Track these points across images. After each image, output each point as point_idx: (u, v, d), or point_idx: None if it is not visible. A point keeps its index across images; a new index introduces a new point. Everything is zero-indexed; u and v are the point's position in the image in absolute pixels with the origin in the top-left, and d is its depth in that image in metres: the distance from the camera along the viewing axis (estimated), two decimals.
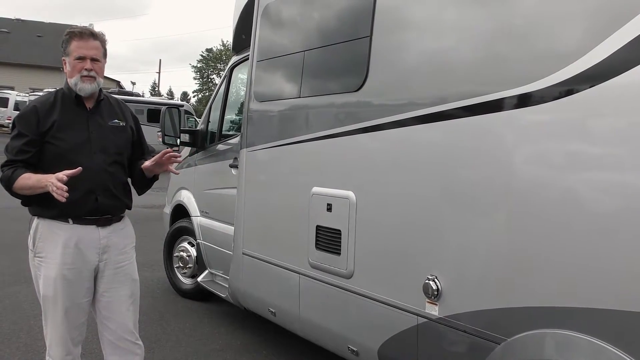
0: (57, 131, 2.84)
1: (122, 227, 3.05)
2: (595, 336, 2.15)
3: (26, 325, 4.79)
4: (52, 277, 2.85)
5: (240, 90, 5.56)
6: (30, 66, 40.01)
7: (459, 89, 2.70)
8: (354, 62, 3.34)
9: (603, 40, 2.16)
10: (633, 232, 2.07)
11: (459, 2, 2.82)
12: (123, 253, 3.02)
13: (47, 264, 2.87)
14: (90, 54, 2.88)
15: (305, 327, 3.75)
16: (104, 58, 2.97)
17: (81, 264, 2.87)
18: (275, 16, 4.16)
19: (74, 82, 2.88)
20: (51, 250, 2.86)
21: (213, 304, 5.60)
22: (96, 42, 2.92)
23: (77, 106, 2.93)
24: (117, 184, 2.97)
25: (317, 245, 3.49)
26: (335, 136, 3.39)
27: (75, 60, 2.87)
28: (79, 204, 2.82)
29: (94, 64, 2.89)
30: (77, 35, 2.88)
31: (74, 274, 2.86)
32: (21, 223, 8.83)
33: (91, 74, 2.87)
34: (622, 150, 2.14)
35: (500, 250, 2.51)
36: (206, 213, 5.44)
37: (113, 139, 2.99)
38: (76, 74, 2.86)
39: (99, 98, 2.99)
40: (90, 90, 2.90)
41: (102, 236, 2.92)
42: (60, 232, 2.86)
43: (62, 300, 2.85)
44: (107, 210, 2.94)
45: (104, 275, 2.95)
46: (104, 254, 2.93)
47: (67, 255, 2.84)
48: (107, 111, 3.03)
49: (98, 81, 2.92)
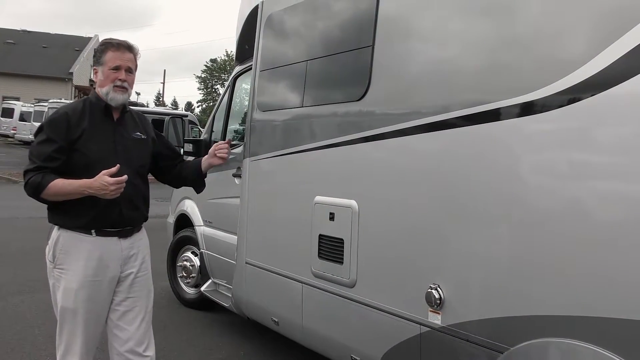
0: (85, 140, 2.83)
1: (141, 238, 3.07)
2: (599, 345, 2.14)
3: (30, 335, 4.79)
4: (73, 289, 2.82)
5: (243, 99, 5.58)
6: (36, 77, 40.18)
7: (460, 98, 2.71)
8: (356, 72, 3.35)
9: (604, 49, 2.17)
10: (637, 240, 2.06)
11: (461, 11, 2.83)
12: (142, 263, 3.03)
13: (69, 276, 2.84)
14: (126, 65, 2.91)
15: (308, 337, 3.74)
16: (135, 71, 3.00)
17: (103, 276, 2.86)
18: (278, 26, 4.18)
19: (106, 92, 2.89)
20: (73, 262, 2.83)
21: (216, 314, 5.59)
22: (131, 54, 2.95)
23: (105, 116, 2.93)
24: (139, 196, 2.98)
25: (320, 254, 3.49)
26: (337, 145, 3.40)
27: (110, 70, 2.88)
28: (104, 216, 2.83)
29: (127, 75, 2.92)
30: (115, 46, 2.91)
31: (95, 286, 2.85)
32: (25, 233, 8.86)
33: (124, 84, 2.90)
34: (624, 157, 2.14)
35: (503, 258, 2.50)
36: (210, 222, 5.44)
37: (136, 152, 3.00)
38: (109, 83, 2.88)
39: (124, 110, 3.01)
40: (122, 100, 2.92)
41: (124, 247, 2.93)
42: (83, 244, 2.84)
43: (82, 312, 2.84)
44: (130, 221, 2.95)
45: (123, 286, 2.95)
46: (125, 265, 2.93)
47: (90, 267, 2.83)
48: (130, 123, 3.05)
49: (129, 92, 2.95)
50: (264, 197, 4.16)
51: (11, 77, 39.27)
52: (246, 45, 4.81)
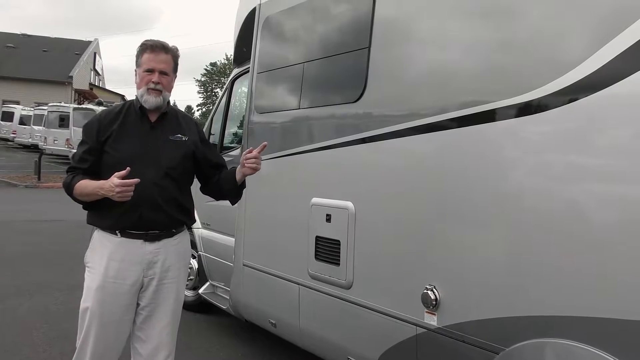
0: (113, 141, 2.84)
1: (174, 244, 2.96)
2: (595, 345, 2.13)
3: (28, 338, 4.79)
4: (93, 288, 2.81)
5: (241, 102, 5.59)
6: (36, 80, 40.20)
7: (456, 99, 2.71)
8: (352, 74, 3.36)
9: (599, 49, 2.17)
10: (632, 240, 2.06)
11: (457, 13, 2.84)
12: (170, 270, 2.92)
13: (92, 275, 2.84)
14: (160, 67, 2.87)
15: (305, 338, 3.74)
16: (173, 72, 2.96)
17: (124, 278, 2.81)
18: (275, 28, 4.19)
19: (141, 94, 2.89)
20: (97, 261, 2.84)
21: (214, 316, 5.60)
22: (167, 55, 2.91)
23: (140, 118, 2.92)
24: (167, 199, 2.88)
25: (317, 255, 3.49)
26: (334, 147, 3.40)
27: (144, 72, 2.87)
28: (125, 217, 2.80)
29: (162, 77, 2.88)
30: (150, 47, 2.89)
31: (114, 288, 2.80)
32: (23, 236, 8.87)
33: (157, 87, 2.86)
34: (619, 157, 2.14)
35: (499, 260, 2.51)
36: (207, 225, 5.45)
37: (168, 153, 2.92)
38: (143, 85, 2.87)
39: (163, 111, 2.97)
40: (155, 103, 2.88)
41: (149, 251, 2.85)
42: (109, 244, 2.84)
43: (99, 314, 2.79)
44: (153, 225, 2.86)
45: (147, 291, 2.88)
46: (149, 270, 2.86)
47: (112, 268, 2.80)
48: (170, 125, 2.98)
49: (164, 95, 2.90)
50: (261, 199, 4.17)
51: (11, 80, 39.29)
52: (244, 47, 4.82)
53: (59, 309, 5.61)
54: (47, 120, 25.45)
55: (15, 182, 17.58)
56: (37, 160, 18.35)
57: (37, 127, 28.24)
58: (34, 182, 17.66)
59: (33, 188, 17.16)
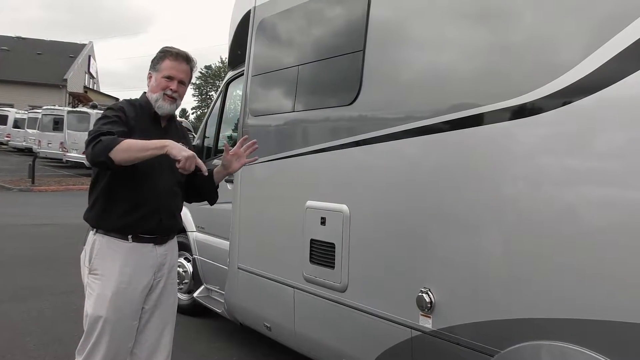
0: (137, 138, 2.75)
1: (174, 245, 3.06)
2: (589, 347, 2.14)
3: (21, 343, 4.76)
4: (107, 296, 2.75)
5: (236, 105, 5.58)
6: (30, 83, 40.10)
7: (450, 102, 2.72)
8: (347, 76, 3.35)
9: (593, 52, 2.18)
10: (626, 243, 2.07)
11: (451, 16, 2.84)
12: (172, 270, 3.01)
13: (103, 282, 2.77)
14: (180, 76, 2.90)
15: (300, 342, 3.73)
16: (188, 83, 3.02)
17: (137, 283, 2.81)
18: (270, 31, 4.18)
19: (155, 98, 2.88)
20: (109, 268, 2.78)
21: (209, 320, 5.57)
22: (188, 66, 2.94)
23: (153, 121, 2.94)
24: (178, 205, 2.98)
25: (312, 259, 3.49)
26: (328, 150, 3.40)
27: (163, 78, 2.88)
28: (143, 222, 2.79)
29: (179, 86, 2.91)
30: (173, 55, 2.90)
31: (129, 294, 2.79)
32: (17, 241, 8.80)
33: (174, 95, 2.89)
34: (613, 159, 2.15)
35: (494, 262, 2.51)
36: (202, 228, 5.43)
37: None
38: (159, 90, 2.87)
39: (171, 119, 3.02)
40: (169, 110, 2.91)
41: (159, 254, 2.89)
42: (120, 249, 2.79)
43: (114, 321, 2.76)
44: (168, 229, 2.92)
45: (154, 293, 2.90)
46: (158, 272, 2.90)
47: (125, 274, 2.77)
48: (175, 132, 3.04)
49: (178, 103, 2.94)
50: (256, 202, 4.16)
51: (5, 83, 39.17)
52: (238, 50, 4.82)
53: (51, 313, 5.56)
54: (41, 123, 25.36)
55: (9, 185, 17.49)
56: (31, 164, 18.27)
57: (31, 131, 28.14)
58: (27, 185, 17.59)
59: (27, 192, 17.09)
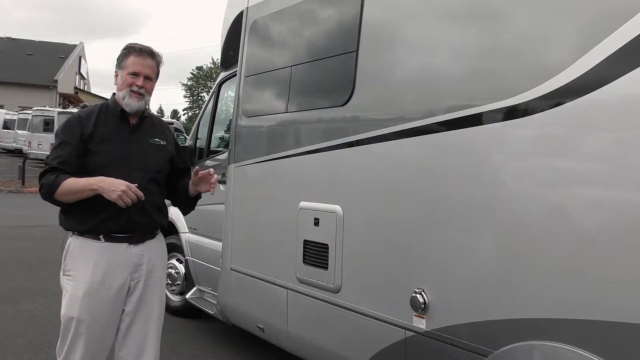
0: (97, 144, 2.80)
1: (156, 245, 2.98)
2: (583, 347, 2.14)
3: (12, 345, 4.72)
4: (79, 296, 2.73)
5: (228, 106, 5.57)
6: (20, 84, 39.85)
7: (444, 103, 2.72)
8: (340, 77, 3.35)
9: (585, 53, 2.19)
10: (619, 243, 2.08)
11: (445, 17, 2.85)
12: (154, 272, 2.93)
13: (76, 283, 2.76)
14: (145, 71, 2.88)
15: (294, 343, 3.72)
16: (156, 78, 2.98)
17: (110, 283, 2.77)
18: (262, 32, 4.18)
19: (122, 96, 2.87)
20: (81, 268, 2.77)
21: (202, 321, 5.56)
22: (153, 61, 2.92)
23: (120, 121, 2.90)
24: (152, 203, 2.89)
25: (305, 259, 3.48)
26: (322, 151, 3.40)
27: (128, 74, 2.86)
28: (111, 221, 2.76)
29: (146, 82, 2.89)
30: (137, 51, 2.88)
31: (102, 294, 2.76)
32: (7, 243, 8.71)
33: (141, 91, 2.87)
34: (605, 160, 2.16)
35: (487, 263, 2.51)
36: (194, 229, 5.41)
37: (153, 157, 2.93)
38: (126, 88, 2.86)
39: (142, 115, 2.97)
40: (137, 107, 2.88)
41: (134, 254, 2.84)
42: (92, 250, 2.78)
43: (87, 322, 2.74)
44: (140, 228, 2.87)
45: (134, 294, 2.86)
46: (135, 273, 2.84)
47: (97, 274, 2.75)
48: (149, 129, 3.00)
49: (146, 99, 2.91)
50: (249, 203, 4.15)
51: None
52: (231, 51, 4.81)
53: (43, 315, 5.53)
54: (32, 124, 25.19)
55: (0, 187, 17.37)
56: (21, 165, 18.13)
57: (21, 132, 27.92)
58: (18, 187, 17.45)
59: (17, 193, 16.96)
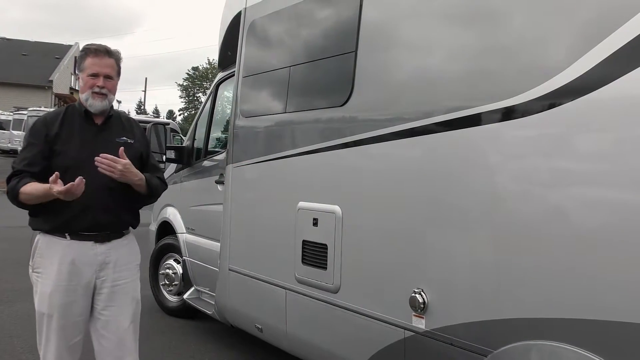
0: (62, 145, 2.84)
1: (124, 244, 3.00)
2: (582, 347, 2.15)
3: (9, 346, 4.72)
4: (47, 293, 2.80)
5: (226, 106, 5.57)
6: (15, 85, 39.67)
7: (442, 104, 2.73)
8: (339, 78, 3.36)
9: (583, 55, 2.20)
10: (616, 242, 2.09)
11: (443, 18, 2.86)
12: (123, 270, 2.95)
13: (43, 280, 2.83)
14: (104, 71, 2.90)
15: (293, 343, 3.72)
16: (117, 76, 2.99)
17: (77, 281, 2.82)
18: (261, 32, 4.18)
19: (85, 98, 2.90)
20: (48, 266, 2.83)
21: (199, 322, 5.55)
22: (111, 59, 2.93)
23: (85, 121, 2.94)
24: (118, 201, 2.91)
25: (304, 260, 3.48)
26: (320, 151, 3.40)
27: (88, 76, 2.89)
28: (76, 220, 2.80)
29: (106, 81, 2.91)
30: (93, 52, 2.90)
31: (69, 291, 2.81)
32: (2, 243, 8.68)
33: (103, 91, 2.89)
34: (603, 161, 2.17)
35: (486, 262, 2.52)
36: (192, 230, 5.41)
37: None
38: (88, 89, 2.89)
39: (108, 114, 2.99)
40: (101, 107, 2.91)
41: (100, 252, 2.87)
42: (58, 247, 2.83)
43: (57, 317, 2.80)
44: (105, 226, 2.90)
45: (102, 293, 2.89)
46: (101, 271, 2.88)
47: (63, 271, 2.80)
48: (116, 128, 3.02)
49: (109, 98, 2.94)
50: (247, 203, 4.15)
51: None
52: (229, 51, 4.81)
53: None
54: (27, 125, 25.10)
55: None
56: None
57: (16, 132, 27.84)
58: None
59: None
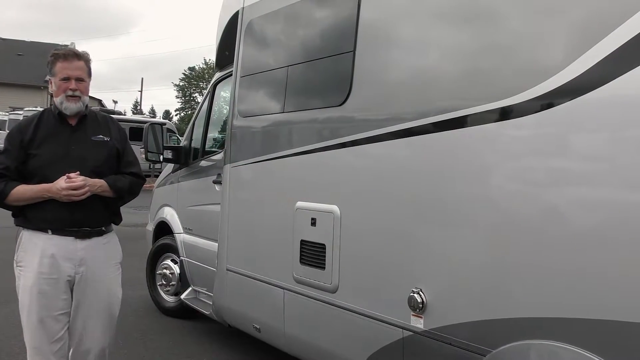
0: (36, 147, 2.95)
1: (104, 242, 3.08)
2: (580, 346, 2.16)
3: (6, 346, 4.70)
4: (28, 286, 2.90)
5: (223, 106, 5.57)
6: (11, 85, 39.57)
7: (440, 104, 2.73)
8: (337, 78, 3.36)
9: (580, 55, 2.20)
10: (613, 242, 2.09)
11: (441, 17, 2.86)
12: (102, 268, 3.04)
13: (25, 274, 2.93)
14: (75, 74, 2.98)
15: (291, 343, 3.72)
16: (88, 77, 3.07)
17: (58, 274, 2.91)
18: (258, 32, 4.18)
19: (60, 101, 2.98)
20: (29, 259, 2.92)
21: (197, 322, 5.54)
22: (80, 62, 3.01)
23: (60, 123, 3.03)
24: (95, 198, 2.98)
25: (302, 259, 3.48)
26: (319, 151, 3.40)
27: (60, 80, 2.97)
28: (56, 217, 2.90)
29: (78, 83, 2.99)
30: (62, 56, 2.98)
31: (49, 285, 2.89)
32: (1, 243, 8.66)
33: (76, 93, 2.98)
34: (599, 162, 2.18)
35: (485, 262, 2.52)
36: (189, 230, 5.40)
37: (93, 154, 3.05)
38: (61, 93, 2.97)
39: (82, 114, 3.07)
40: (76, 109, 3.00)
41: (80, 248, 2.96)
42: (39, 242, 2.92)
43: (37, 310, 2.89)
44: (84, 223, 2.97)
45: (80, 288, 2.97)
46: (80, 267, 2.96)
47: (44, 265, 2.89)
48: (91, 127, 3.10)
49: (83, 99, 3.03)
50: (245, 203, 4.15)
51: None
52: (226, 51, 4.80)
53: None
54: None
55: None
56: None
57: None
58: None
59: None
